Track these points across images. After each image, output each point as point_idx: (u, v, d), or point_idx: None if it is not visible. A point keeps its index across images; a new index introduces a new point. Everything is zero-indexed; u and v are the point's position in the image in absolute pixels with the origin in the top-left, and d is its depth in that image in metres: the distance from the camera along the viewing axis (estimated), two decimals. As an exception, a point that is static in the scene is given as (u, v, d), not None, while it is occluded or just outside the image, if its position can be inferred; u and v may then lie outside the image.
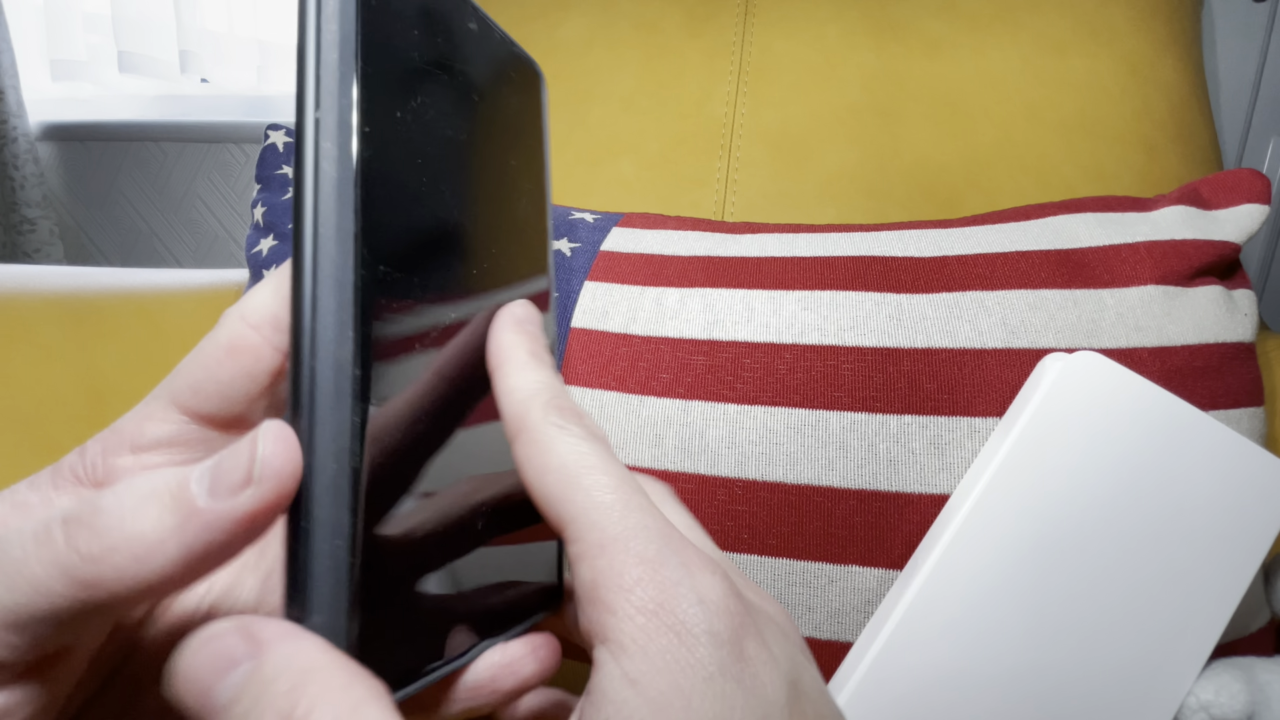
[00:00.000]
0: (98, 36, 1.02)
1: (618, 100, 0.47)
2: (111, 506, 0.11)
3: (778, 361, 0.27)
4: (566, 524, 0.13)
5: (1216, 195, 0.31)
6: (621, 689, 0.12)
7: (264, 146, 0.39)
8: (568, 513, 0.13)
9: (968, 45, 0.44)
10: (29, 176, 0.98)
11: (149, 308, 0.39)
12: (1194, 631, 0.23)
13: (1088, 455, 0.24)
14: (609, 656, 0.12)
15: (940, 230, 0.31)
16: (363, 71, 0.12)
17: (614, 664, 0.12)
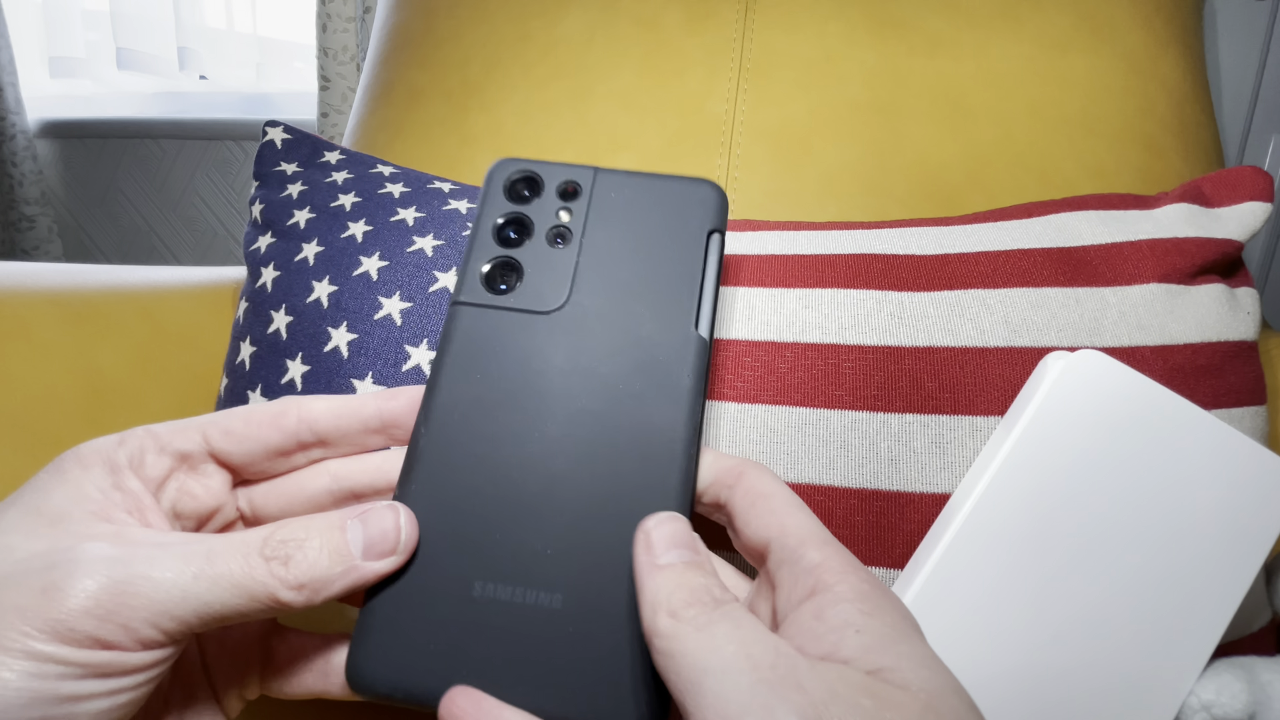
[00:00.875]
0: (96, 33, 1.01)
1: (618, 97, 0.47)
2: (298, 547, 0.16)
3: (778, 360, 0.27)
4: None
5: (1218, 193, 0.31)
6: None
7: (262, 143, 0.39)
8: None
9: (969, 43, 0.44)
10: (27, 174, 0.98)
11: (148, 305, 0.39)
12: (1196, 631, 0.23)
13: (1089, 454, 0.24)
14: None
15: (942, 228, 0.31)
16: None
17: None
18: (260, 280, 0.34)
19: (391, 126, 0.52)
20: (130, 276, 0.40)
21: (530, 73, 0.48)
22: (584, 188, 0.23)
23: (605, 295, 0.21)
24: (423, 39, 0.53)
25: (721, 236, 0.22)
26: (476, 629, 0.18)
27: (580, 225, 0.22)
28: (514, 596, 0.18)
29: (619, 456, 0.19)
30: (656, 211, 0.22)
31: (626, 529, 0.18)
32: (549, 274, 0.22)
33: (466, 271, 0.22)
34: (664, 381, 0.20)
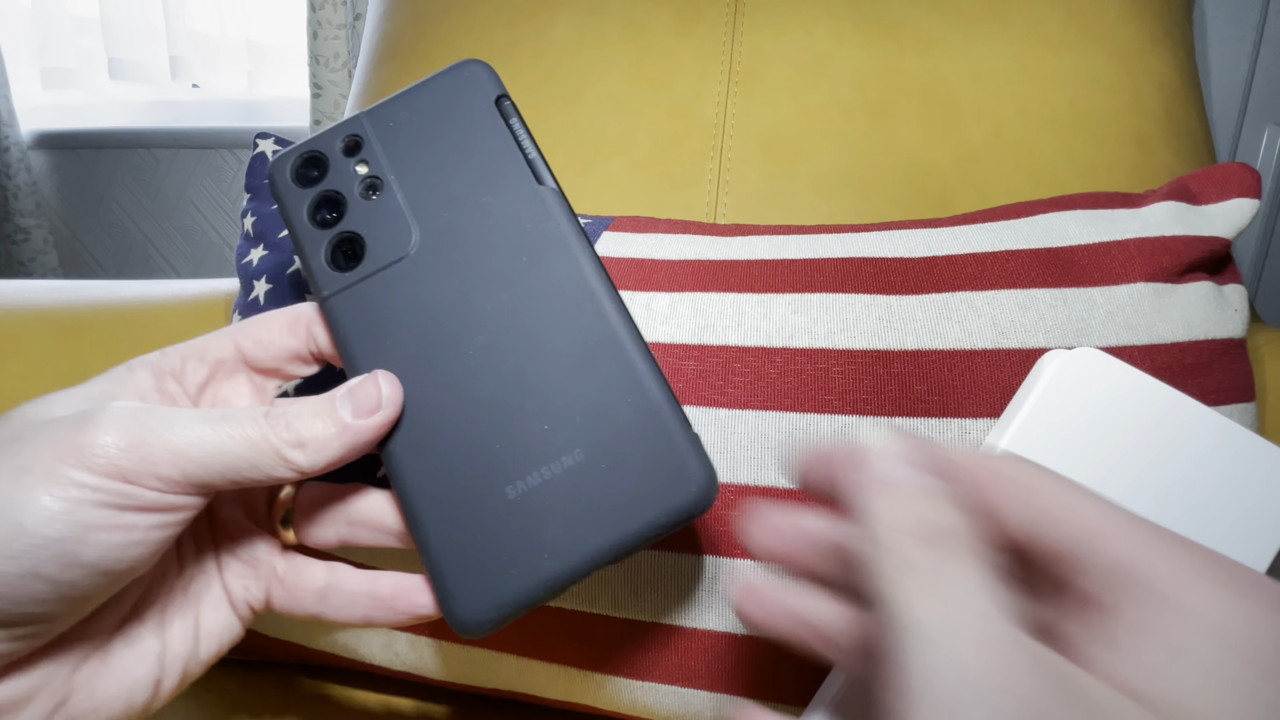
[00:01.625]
0: (88, 40, 1.01)
1: (608, 102, 0.47)
2: (297, 416, 0.18)
3: (768, 365, 0.27)
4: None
5: (1206, 190, 0.31)
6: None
7: (253, 155, 0.39)
8: None
9: (958, 42, 0.44)
10: (22, 185, 0.98)
11: (141, 320, 0.39)
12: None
13: (1087, 452, 0.24)
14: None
15: (929, 230, 0.31)
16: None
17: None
18: (253, 293, 0.34)
19: (383, 134, 0.52)
20: (122, 291, 0.40)
21: (520, 78, 0.49)
22: (364, 134, 0.22)
23: (446, 210, 0.22)
24: (413, 46, 0.53)
25: (508, 99, 0.22)
26: (531, 520, 0.19)
27: (382, 167, 0.22)
28: (543, 477, 0.19)
29: (547, 319, 0.21)
30: (439, 115, 0.22)
31: (589, 365, 0.20)
32: (385, 224, 0.22)
33: (312, 268, 0.21)
34: (544, 241, 0.21)
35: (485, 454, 0.20)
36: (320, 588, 0.21)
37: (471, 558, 0.19)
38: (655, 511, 0.19)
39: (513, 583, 0.19)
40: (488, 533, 0.19)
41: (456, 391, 0.20)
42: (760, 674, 0.27)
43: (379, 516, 0.21)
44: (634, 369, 0.20)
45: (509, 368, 0.20)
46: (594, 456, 0.20)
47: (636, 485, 0.19)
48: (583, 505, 0.19)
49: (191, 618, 0.20)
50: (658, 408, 0.20)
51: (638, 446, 0.20)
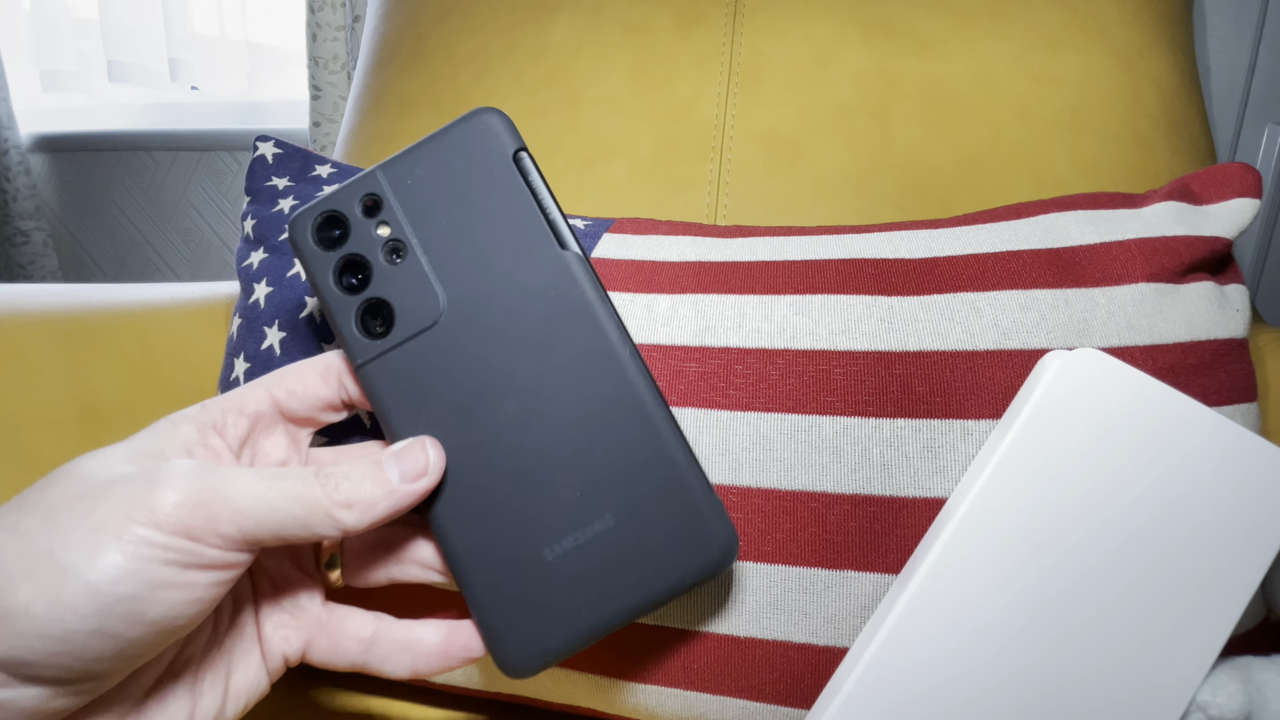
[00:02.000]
0: (87, 43, 1.01)
1: (608, 103, 0.47)
2: (345, 478, 0.19)
3: (770, 367, 0.27)
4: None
5: (1207, 190, 0.31)
6: None
7: (253, 158, 0.39)
8: None
9: (958, 43, 0.44)
10: (21, 188, 0.98)
11: (141, 323, 0.39)
12: (1199, 633, 0.23)
13: (1088, 453, 0.24)
14: None
15: (930, 230, 0.31)
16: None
17: None
18: (253, 296, 0.34)
19: (383, 136, 0.52)
20: (122, 295, 0.40)
21: (520, 80, 0.48)
22: (382, 193, 0.22)
23: (471, 275, 0.22)
24: (412, 48, 0.53)
25: (525, 152, 0.22)
26: (569, 578, 0.21)
27: (404, 229, 0.22)
28: (578, 540, 0.21)
29: (575, 387, 0.21)
30: (456, 170, 0.22)
31: (617, 432, 0.21)
32: (411, 290, 0.22)
33: (344, 334, 0.22)
34: (569, 309, 0.22)
35: (523, 517, 0.21)
36: (368, 636, 0.21)
37: (516, 611, 0.21)
38: (682, 571, 0.21)
39: (554, 633, 0.21)
40: (530, 588, 0.21)
41: (492, 458, 0.21)
42: (763, 677, 0.27)
43: (430, 556, 0.22)
44: (660, 437, 0.21)
45: (540, 435, 0.21)
46: (624, 521, 0.21)
47: (664, 547, 0.21)
48: (615, 565, 0.21)
49: (223, 675, 0.20)
50: (683, 475, 0.21)
51: (665, 511, 0.21)
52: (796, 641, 0.26)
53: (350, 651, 0.21)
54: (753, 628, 0.27)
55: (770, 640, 0.26)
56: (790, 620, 0.26)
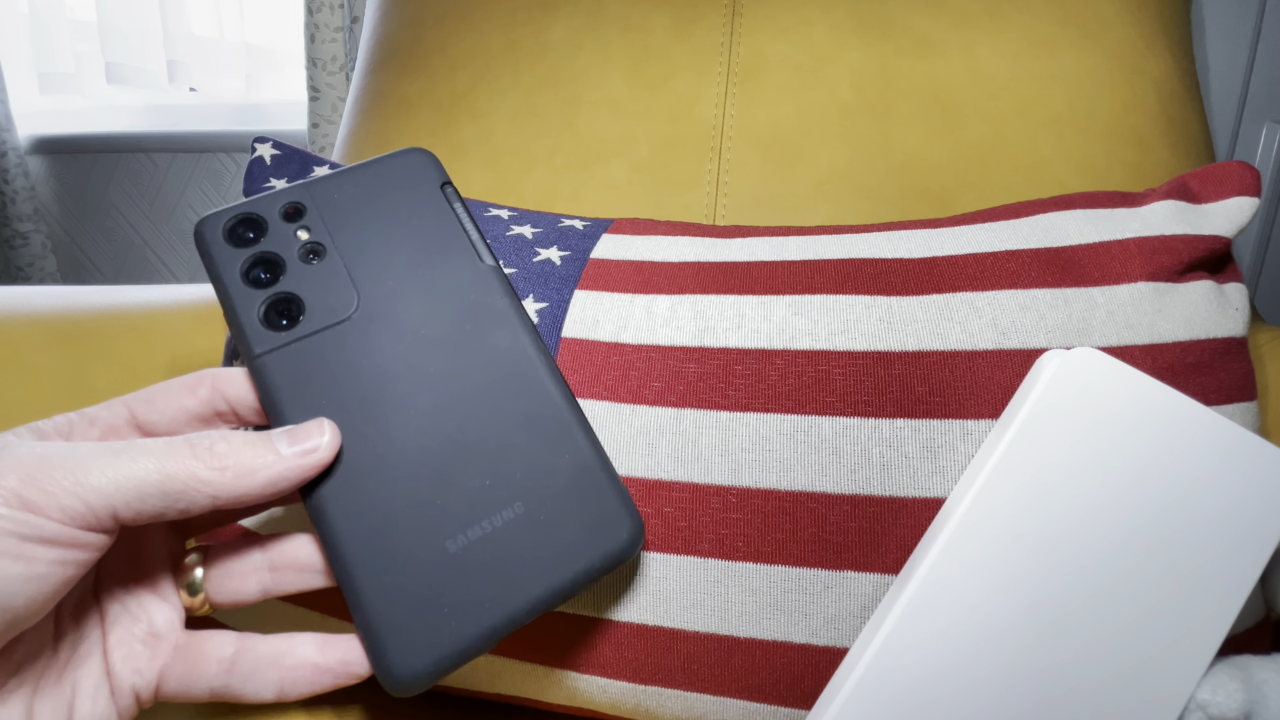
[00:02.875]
0: (85, 44, 1.01)
1: (606, 104, 0.47)
2: (225, 442, 0.18)
3: (769, 367, 0.27)
4: None
5: (1205, 189, 0.31)
6: None
7: (251, 160, 0.39)
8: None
9: (956, 42, 0.44)
10: (20, 190, 0.98)
11: (140, 326, 0.39)
12: (1198, 631, 0.23)
13: (1086, 453, 0.24)
14: None
15: (929, 230, 0.31)
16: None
17: None
18: (251, 298, 0.34)
19: (381, 137, 0.52)
20: (121, 297, 0.40)
21: (519, 81, 0.48)
22: (306, 203, 0.23)
23: (390, 279, 0.22)
24: (411, 49, 0.53)
25: (451, 186, 0.24)
26: (472, 571, 0.20)
27: (325, 235, 0.22)
28: (484, 530, 0.20)
29: (489, 383, 0.22)
30: (383, 193, 0.23)
31: (528, 425, 0.21)
32: (326, 287, 0.22)
33: (243, 326, 0.21)
34: (485, 311, 0.22)
35: (425, 509, 0.20)
36: (228, 656, 0.19)
37: (409, 611, 0.19)
38: (590, 558, 0.21)
39: (452, 633, 0.19)
40: (426, 586, 0.19)
41: (395, 449, 0.20)
42: (763, 677, 0.27)
43: (307, 557, 0.20)
44: (570, 430, 0.22)
45: (450, 427, 0.21)
46: (534, 509, 0.21)
47: (574, 534, 0.21)
48: (523, 555, 0.20)
49: (64, 705, 0.18)
50: (591, 464, 0.22)
51: (574, 499, 0.21)
52: (796, 642, 0.26)
53: (207, 674, 0.19)
54: (753, 628, 0.27)
55: (770, 640, 0.26)
56: (790, 620, 0.26)
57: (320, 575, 0.21)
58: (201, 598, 0.21)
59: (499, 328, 0.22)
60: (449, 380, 0.21)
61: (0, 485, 0.15)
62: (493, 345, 0.22)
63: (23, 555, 0.15)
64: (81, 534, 0.16)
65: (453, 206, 0.23)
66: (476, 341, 0.22)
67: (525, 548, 0.20)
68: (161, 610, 0.20)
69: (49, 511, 0.16)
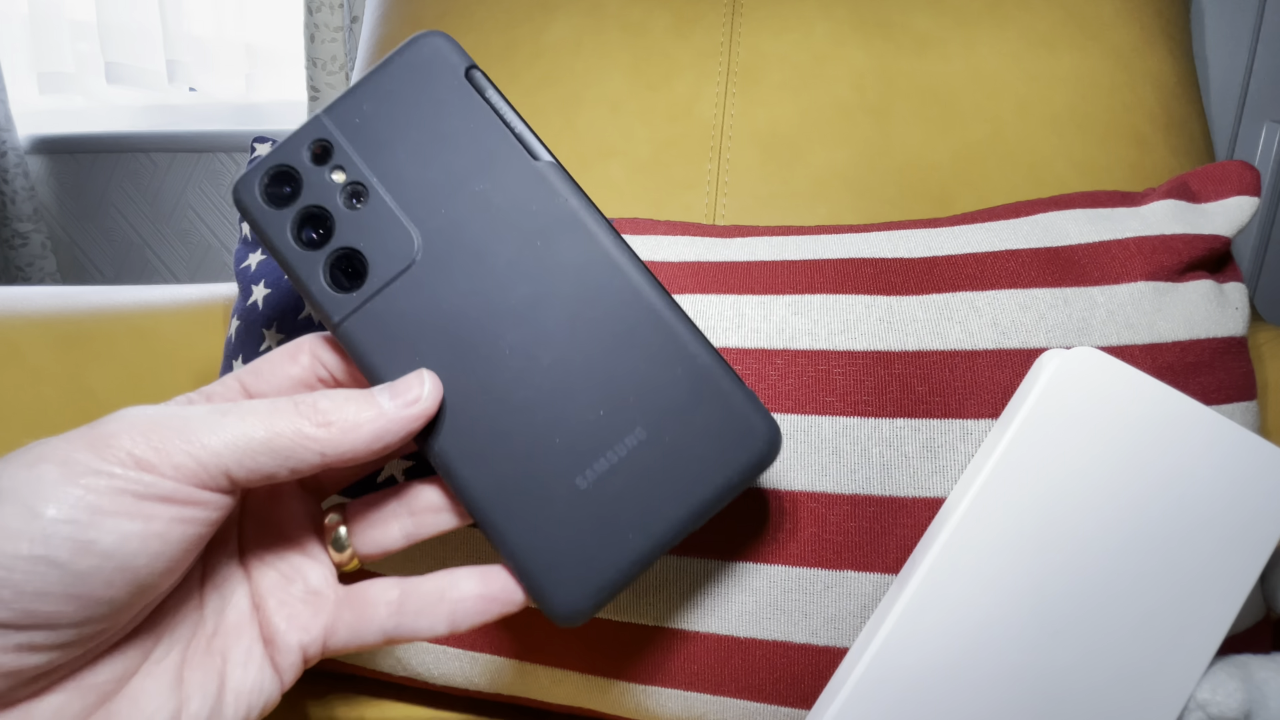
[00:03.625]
0: (85, 44, 1.01)
1: (606, 103, 0.47)
2: (328, 400, 0.18)
3: (769, 367, 0.27)
4: None
5: (1205, 188, 0.31)
6: None
7: (250, 160, 0.39)
8: None
9: (956, 42, 0.44)
10: (19, 190, 0.98)
11: (140, 326, 0.39)
12: (1197, 630, 0.23)
13: (1086, 452, 0.24)
14: None
15: (929, 230, 0.31)
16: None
17: None
18: (251, 298, 0.34)
19: (381, 137, 0.52)
20: (121, 297, 0.40)
21: (518, 80, 0.48)
22: (330, 136, 0.20)
23: (443, 206, 0.20)
24: (410, 49, 0.53)
25: (477, 70, 0.21)
26: (608, 504, 0.19)
27: (361, 170, 0.20)
28: (610, 461, 0.19)
29: (577, 304, 0.20)
30: (407, 100, 0.21)
31: (631, 341, 0.20)
32: (381, 233, 0.20)
33: (312, 293, 0.20)
34: (554, 221, 0.20)
35: (546, 450, 0.19)
36: (394, 599, 0.20)
37: (557, 551, 0.19)
38: (727, 472, 0.19)
39: (603, 567, 0.19)
40: (567, 524, 0.19)
41: (500, 391, 0.20)
42: (763, 677, 0.27)
43: (440, 500, 0.21)
44: (677, 337, 0.20)
45: (548, 361, 0.20)
46: (657, 431, 0.20)
47: (704, 450, 0.19)
48: (655, 480, 0.19)
49: (215, 674, 0.19)
50: (709, 371, 0.20)
51: (698, 413, 0.20)
52: (796, 642, 0.26)
53: (378, 619, 0.19)
54: (753, 628, 0.27)
55: (770, 640, 0.26)
56: (790, 620, 0.26)
57: (455, 516, 0.21)
58: (349, 552, 0.21)
59: (572, 236, 0.20)
60: (535, 311, 0.20)
61: (115, 446, 0.16)
62: (570, 258, 0.20)
63: (140, 513, 0.16)
64: (197, 492, 0.16)
65: (485, 97, 0.21)
66: (551, 257, 0.20)
67: (656, 472, 0.19)
68: (315, 569, 0.21)
69: (163, 469, 0.16)
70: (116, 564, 0.15)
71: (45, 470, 0.15)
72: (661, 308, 0.20)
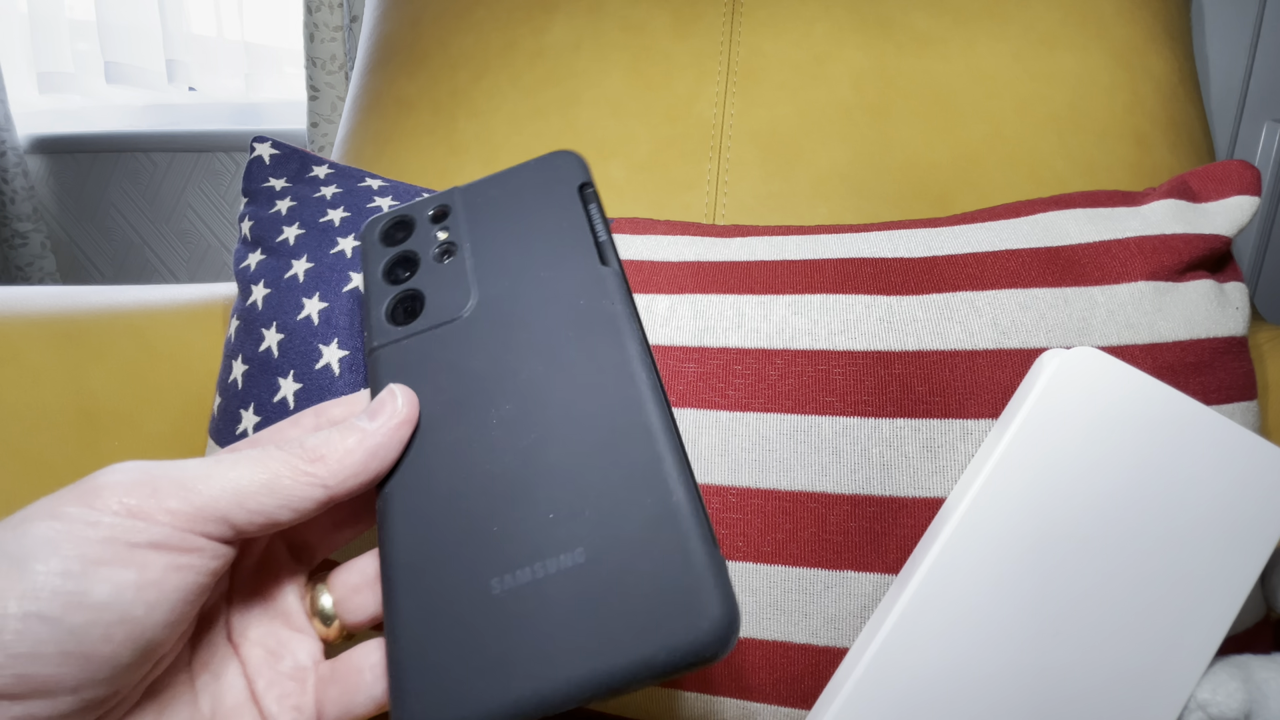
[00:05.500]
0: (84, 44, 1.01)
1: (606, 103, 0.47)
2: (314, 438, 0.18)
3: (769, 367, 0.27)
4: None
5: (1205, 188, 0.31)
6: None
7: (250, 159, 0.39)
8: None
9: (956, 41, 0.44)
10: (19, 190, 0.98)
11: (138, 325, 0.38)
12: (1197, 630, 0.23)
13: (1086, 452, 0.24)
14: None
15: (929, 230, 0.31)
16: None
17: None
18: (251, 298, 0.34)
19: (381, 136, 0.52)
20: (120, 297, 0.40)
21: (518, 80, 0.48)
22: (453, 205, 0.23)
23: (508, 279, 0.21)
24: (410, 48, 0.53)
25: (591, 188, 0.23)
26: (511, 625, 0.16)
27: (461, 235, 0.23)
28: (535, 574, 0.17)
29: (578, 397, 0.19)
30: (525, 193, 0.23)
31: (613, 453, 0.18)
32: (448, 286, 0.22)
33: (370, 320, 0.22)
34: (594, 318, 0.20)
35: (481, 534, 0.17)
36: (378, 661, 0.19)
37: (436, 655, 0.16)
38: (655, 647, 0.15)
39: (472, 699, 0.16)
40: (461, 629, 0.17)
41: (470, 459, 0.18)
42: (763, 677, 0.27)
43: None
44: (660, 465, 0.17)
45: (527, 442, 0.18)
46: (596, 560, 0.16)
47: (638, 607, 0.16)
48: (572, 620, 0.16)
49: None
50: (678, 514, 0.16)
51: (647, 557, 0.16)
52: (796, 642, 0.26)
53: (365, 685, 0.18)
54: (753, 628, 0.27)
55: (770, 640, 0.26)
56: (790, 620, 0.26)
57: None
58: (336, 625, 0.20)
59: (604, 337, 0.19)
60: (539, 389, 0.19)
61: (105, 496, 0.16)
62: (592, 355, 0.19)
63: (133, 561, 0.15)
64: (193, 538, 0.16)
65: (586, 208, 0.22)
66: (576, 350, 0.19)
67: (576, 611, 0.16)
68: (303, 645, 0.20)
69: (156, 516, 0.16)
70: (113, 616, 0.15)
71: (32, 527, 0.15)
72: (658, 431, 0.18)
